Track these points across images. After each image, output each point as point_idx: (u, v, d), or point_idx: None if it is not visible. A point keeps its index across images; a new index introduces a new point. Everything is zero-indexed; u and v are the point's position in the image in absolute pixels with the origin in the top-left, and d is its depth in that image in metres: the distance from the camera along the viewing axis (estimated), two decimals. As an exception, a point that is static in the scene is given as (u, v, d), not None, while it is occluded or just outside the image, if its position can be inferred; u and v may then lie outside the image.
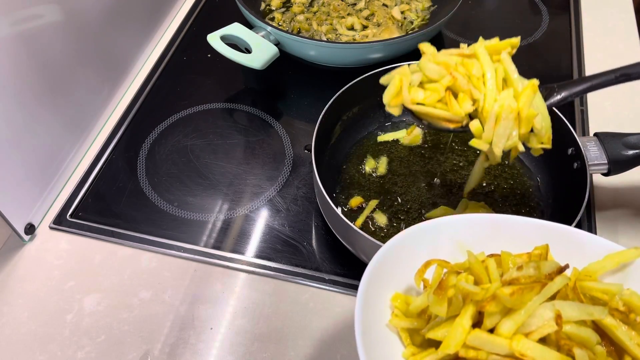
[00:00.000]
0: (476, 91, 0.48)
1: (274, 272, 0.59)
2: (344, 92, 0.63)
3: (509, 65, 0.48)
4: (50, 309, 0.57)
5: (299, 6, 0.88)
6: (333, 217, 0.55)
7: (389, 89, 0.51)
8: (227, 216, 0.64)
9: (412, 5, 0.88)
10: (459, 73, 0.48)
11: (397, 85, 0.50)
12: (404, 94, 0.49)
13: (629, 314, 0.40)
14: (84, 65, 0.70)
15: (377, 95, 0.67)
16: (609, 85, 0.51)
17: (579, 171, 0.58)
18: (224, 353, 0.54)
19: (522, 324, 0.37)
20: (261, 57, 0.72)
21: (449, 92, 0.48)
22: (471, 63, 0.49)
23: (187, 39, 0.87)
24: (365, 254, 0.55)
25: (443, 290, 0.39)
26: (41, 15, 0.61)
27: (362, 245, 0.54)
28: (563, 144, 0.60)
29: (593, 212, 0.64)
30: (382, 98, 0.51)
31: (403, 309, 0.42)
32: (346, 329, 0.55)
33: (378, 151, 0.67)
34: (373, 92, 0.67)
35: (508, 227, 0.43)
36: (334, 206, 0.53)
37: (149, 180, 0.68)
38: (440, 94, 0.48)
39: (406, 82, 0.49)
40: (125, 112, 0.76)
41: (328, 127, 0.64)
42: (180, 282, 0.59)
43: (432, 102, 0.49)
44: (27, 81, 0.60)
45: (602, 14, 0.89)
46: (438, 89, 0.48)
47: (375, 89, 0.66)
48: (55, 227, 0.64)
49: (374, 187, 0.64)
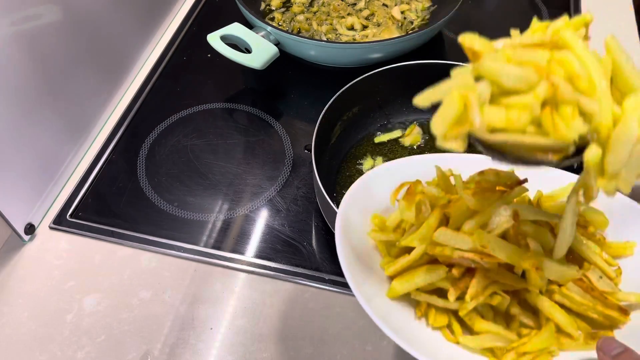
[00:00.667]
0: (589, 101, 0.32)
1: (274, 272, 0.59)
2: (344, 92, 0.63)
3: (619, 55, 0.34)
4: (50, 309, 0.57)
5: (299, 6, 0.88)
6: (333, 216, 0.55)
7: (445, 113, 0.32)
8: (227, 216, 0.64)
9: (412, 5, 0.88)
10: (558, 77, 0.32)
11: (458, 105, 0.31)
12: (473, 117, 0.31)
13: (587, 226, 0.44)
14: (84, 65, 0.70)
15: (377, 95, 0.68)
16: None
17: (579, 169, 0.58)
18: (224, 353, 0.54)
19: (483, 223, 0.40)
20: (261, 57, 0.72)
21: (549, 108, 0.31)
22: (566, 58, 0.33)
23: (187, 39, 0.87)
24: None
25: (411, 195, 0.43)
26: (41, 15, 0.61)
27: None
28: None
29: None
30: (382, 98, 0.48)
31: (380, 226, 0.46)
32: (346, 329, 0.55)
33: (378, 151, 0.67)
34: (373, 92, 0.67)
35: (471, 163, 0.45)
36: (334, 206, 0.53)
37: (149, 180, 0.68)
38: (534, 112, 0.31)
39: (475, 100, 0.31)
40: (125, 112, 0.76)
41: (328, 127, 0.64)
42: (180, 282, 0.59)
43: (520, 126, 0.32)
44: (27, 81, 0.60)
45: (602, 14, 0.89)
46: (529, 105, 0.31)
47: (375, 88, 0.66)
48: (55, 227, 0.64)
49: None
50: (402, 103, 0.70)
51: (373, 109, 0.68)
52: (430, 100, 0.33)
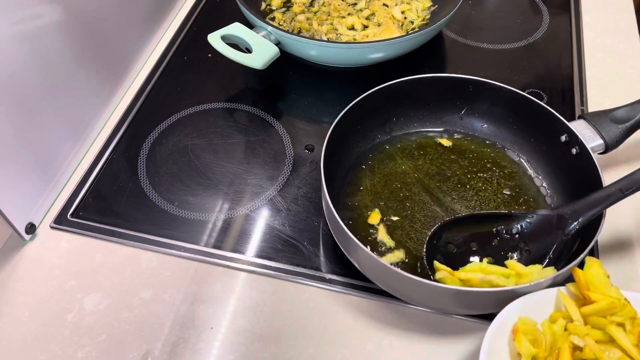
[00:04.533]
0: None
1: (275, 272, 0.59)
2: (360, 101, 0.62)
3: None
4: (50, 309, 0.57)
5: (300, 6, 0.88)
6: (338, 231, 0.54)
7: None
8: (227, 216, 0.64)
9: (412, 5, 0.88)
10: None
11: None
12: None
13: None
14: (85, 65, 0.70)
15: (386, 108, 0.67)
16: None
17: (580, 156, 0.58)
18: (224, 353, 0.54)
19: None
20: (262, 57, 0.72)
21: None
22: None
23: (188, 38, 0.87)
24: (367, 271, 0.55)
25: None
26: (41, 15, 0.61)
27: (364, 261, 0.53)
28: (555, 132, 0.61)
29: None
30: (392, 111, 0.48)
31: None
32: (347, 329, 0.55)
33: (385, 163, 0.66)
34: (385, 104, 0.66)
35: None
36: (342, 224, 0.52)
37: (150, 180, 0.68)
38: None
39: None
40: (126, 111, 0.76)
41: (339, 134, 0.61)
42: (181, 281, 0.59)
43: None
44: (27, 81, 0.60)
45: (602, 14, 0.89)
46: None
47: (385, 101, 0.65)
48: (56, 227, 0.64)
49: (378, 197, 0.63)
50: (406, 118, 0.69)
51: (384, 119, 0.68)
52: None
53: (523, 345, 0.44)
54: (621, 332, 0.41)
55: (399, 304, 0.56)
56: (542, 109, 0.62)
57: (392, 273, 0.49)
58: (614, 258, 0.60)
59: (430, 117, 0.69)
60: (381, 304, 0.57)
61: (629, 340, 0.41)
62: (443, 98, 0.68)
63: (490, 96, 0.66)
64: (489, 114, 0.68)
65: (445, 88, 0.67)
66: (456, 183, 0.64)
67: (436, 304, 0.53)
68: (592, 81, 0.79)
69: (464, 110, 0.68)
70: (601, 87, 0.78)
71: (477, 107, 0.68)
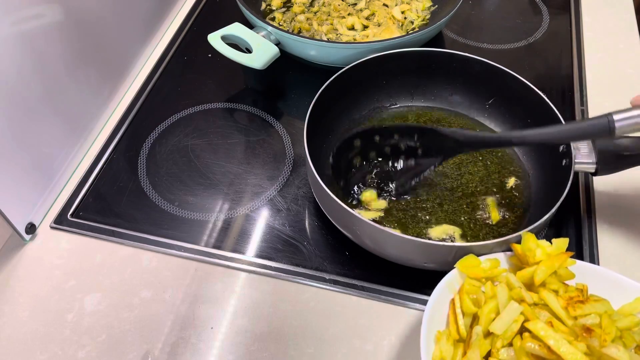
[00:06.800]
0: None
1: (275, 272, 0.59)
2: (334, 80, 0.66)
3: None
4: (51, 309, 0.57)
5: (300, 6, 0.88)
6: (327, 201, 0.55)
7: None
8: (227, 216, 0.64)
9: (412, 5, 0.88)
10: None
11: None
12: None
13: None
14: (85, 65, 0.70)
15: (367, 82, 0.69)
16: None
17: (566, 168, 0.57)
18: (224, 352, 0.54)
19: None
20: (262, 57, 0.72)
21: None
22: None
23: (188, 39, 0.87)
24: (366, 237, 0.56)
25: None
26: (41, 15, 0.61)
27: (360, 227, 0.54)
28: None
29: (594, 214, 0.64)
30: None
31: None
32: (347, 329, 0.55)
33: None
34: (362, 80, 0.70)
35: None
36: (331, 193, 0.53)
37: (150, 180, 0.68)
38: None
39: None
40: (126, 111, 0.76)
41: (318, 114, 0.63)
42: (181, 281, 0.59)
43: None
44: (27, 81, 0.60)
45: (602, 14, 0.89)
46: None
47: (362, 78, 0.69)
48: (56, 227, 0.64)
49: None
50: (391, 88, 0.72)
51: (366, 94, 0.71)
52: None
53: (465, 304, 0.47)
54: (552, 296, 0.46)
55: (399, 304, 0.57)
56: (552, 113, 0.61)
57: (379, 230, 0.52)
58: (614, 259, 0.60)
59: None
60: (381, 304, 0.57)
61: (559, 304, 0.46)
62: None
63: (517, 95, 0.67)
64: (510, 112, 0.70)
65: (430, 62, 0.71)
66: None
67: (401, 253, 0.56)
68: (592, 81, 0.79)
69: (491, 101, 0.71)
70: (601, 87, 0.78)
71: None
